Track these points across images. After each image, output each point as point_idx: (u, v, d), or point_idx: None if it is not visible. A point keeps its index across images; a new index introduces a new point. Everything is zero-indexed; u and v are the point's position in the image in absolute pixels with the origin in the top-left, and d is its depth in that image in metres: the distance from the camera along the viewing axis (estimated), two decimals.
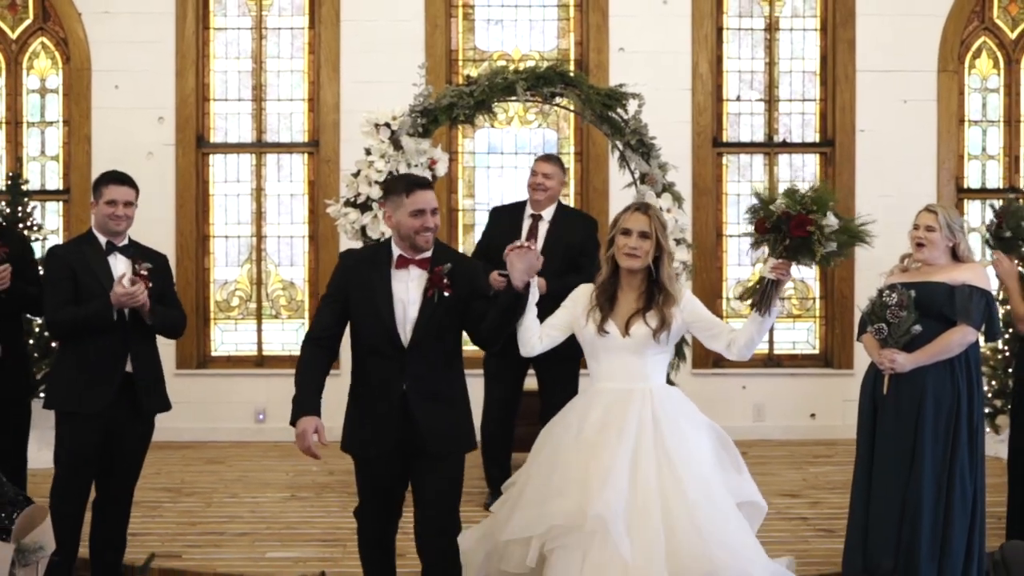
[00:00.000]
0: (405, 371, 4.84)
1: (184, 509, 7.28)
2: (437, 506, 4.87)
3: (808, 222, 4.69)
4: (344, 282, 4.97)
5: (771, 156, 9.76)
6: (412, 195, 4.88)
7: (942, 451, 5.62)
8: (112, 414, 5.57)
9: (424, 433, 4.83)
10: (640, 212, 5.00)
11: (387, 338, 4.85)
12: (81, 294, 5.59)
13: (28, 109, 9.68)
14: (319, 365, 4.93)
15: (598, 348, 5.02)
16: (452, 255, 5.05)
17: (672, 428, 4.87)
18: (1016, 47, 9.82)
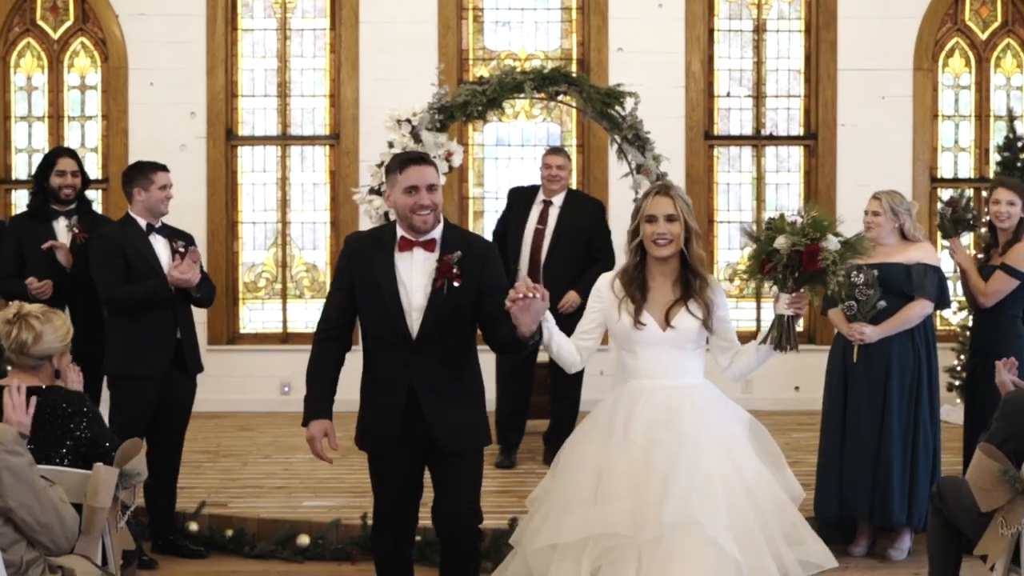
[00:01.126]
0: (412, 364, 4.61)
1: (223, 468, 8.04)
2: (456, 499, 4.71)
3: (818, 252, 4.43)
4: (347, 266, 4.74)
5: (758, 148, 10.50)
6: (406, 171, 4.61)
7: (907, 411, 6.42)
8: (165, 376, 6.36)
9: (435, 429, 4.62)
10: (662, 195, 4.65)
11: (392, 327, 4.61)
12: (132, 272, 6.36)
13: (69, 104, 10.40)
14: (330, 362, 4.74)
15: (634, 342, 4.64)
16: (462, 238, 4.78)
17: (721, 426, 4.59)
18: (986, 47, 10.54)
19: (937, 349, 6.65)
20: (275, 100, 10.43)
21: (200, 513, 6.80)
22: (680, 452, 4.39)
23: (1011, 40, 10.52)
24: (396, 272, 4.63)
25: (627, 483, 4.38)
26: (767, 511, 4.42)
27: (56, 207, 7.07)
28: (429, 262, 4.64)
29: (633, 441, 4.47)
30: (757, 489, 4.47)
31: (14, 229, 7.08)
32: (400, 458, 4.71)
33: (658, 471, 4.37)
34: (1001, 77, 10.56)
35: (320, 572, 6.34)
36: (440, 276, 4.60)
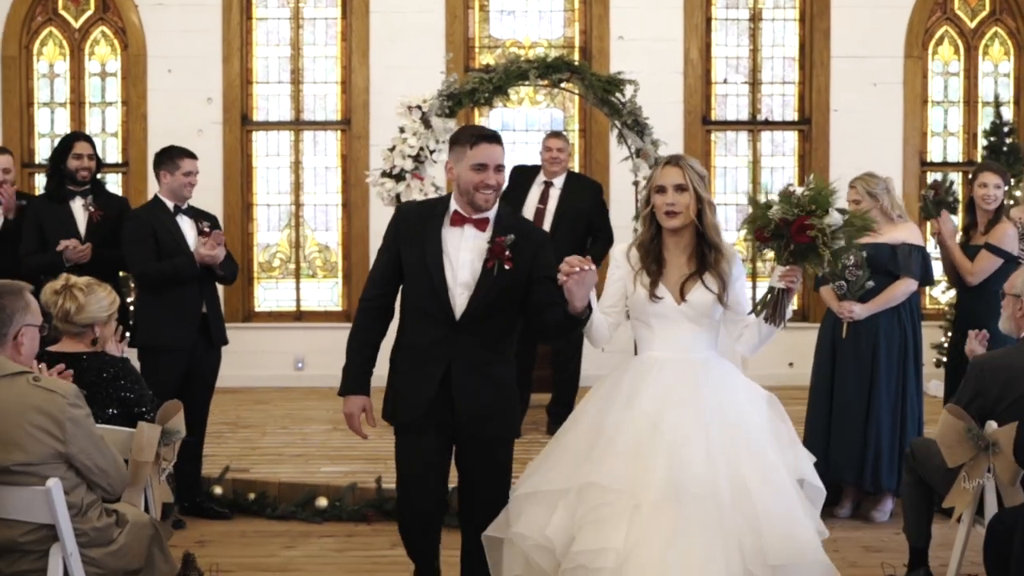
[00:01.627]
0: (453, 343, 4.54)
1: (243, 437, 8.46)
2: (491, 494, 4.63)
3: (808, 226, 4.30)
4: (395, 234, 4.67)
5: (754, 133, 10.88)
6: (476, 147, 4.51)
7: (894, 384, 6.82)
8: (192, 348, 6.77)
9: (466, 414, 4.55)
10: (671, 165, 4.55)
11: (436, 303, 4.54)
12: (161, 250, 6.77)
13: (90, 91, 10.79)
14: (372, 334, 4.68)
15: (649, 315, 4.55)
16: (517, 223, 4.73)
17: (733, 403, 4.45)
18: (975, 35, 10.91)
19: (922, 325, 7.04)
20: (288, 87, 10.81)
21: (224, 478, 7.20)
22: (692, 426, 4.30)
23: (999, 28, 10.89)
24: (443, 245, 4.56)
25: (629, 447, 4.27)
26: (772, 495, 4.25)
27: (72, 188, 7.42)
28: (479, 241, 4.56)
29: (641, 410, 4.35)
30: (769, 472, 4.31)
31: (33, 210, 7.43)
32: (426, 433, 4.58)
33: (666, 439, 4.26)
34: (989, 64, 10.92)
35: (338, 532, 6.72)
36: (492, 257, 4.51)
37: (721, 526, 4.17)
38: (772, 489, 4.27)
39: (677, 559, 4.10)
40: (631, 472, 4.23)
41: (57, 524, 3.91)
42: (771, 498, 4.25)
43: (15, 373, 3.96)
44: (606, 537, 4.15)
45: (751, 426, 4.40)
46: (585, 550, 4.17)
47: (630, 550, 4.11)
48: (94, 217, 7.28)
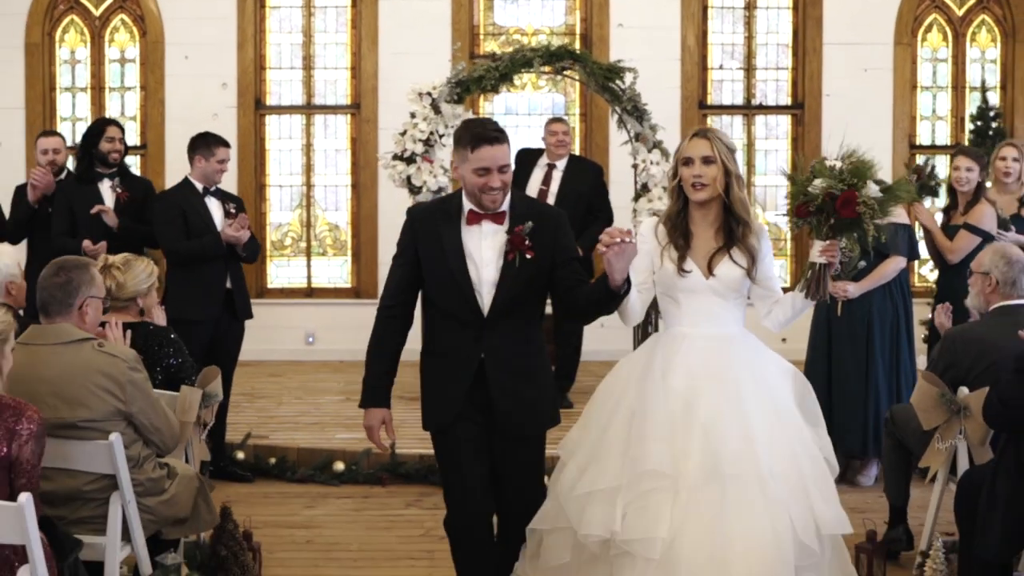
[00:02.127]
0: (483, 340, 4.44)
1: (260, 407, 8.90)
2: (528, 488, 4.58)
3: (855, 199, 4.28)
4: (412, 238, 4.55)
5: (749, 117, 11.30)
6: (478, 151, 4.37)
7: (889, 358, 7.25)
8: (217, 321, 7.20)
9: (502, 411, 4.46)
10: (699, 137, 4.48)
11: (463, 303, 4.45)
12: (190, 229, 7.20)
13: (110, 76, 11.18)
14: (392, 341, 4.58)
15: (677, 289, 4.48)
16: (532, 208, 4.57)
17: (764, 378, 4.43)
18: (962, 23, 11.31)
19: (912, 302, 7.48)
20: (300, 72, 11.21)
21: (246, 443, 7.65)
22: (725, 403, 4.28)
23: (986, 16, 11.28)
24: (464, 246, 4.45)
25: (665, 428, 4.25)
26: (806, 469, 4.29)
27: (101, 170, 7.83)
28: (499, 235, 4.44)
29: (674, 388, 4.33)
30: (799, 446, 4.33)
31: (63, 192, 7.86)
32: (467, 431, 4.49)
33: (700, 419, 4.25)
34: (976, 51, 11.32)
35: (354, 493, 7.16)
36: (512, 249, 4.40)
37: (766, 502, 4.14)
38: (812, 462, 4.30)
39: (722, 542, 4.09)
40: (671, 454, 4.21)
41: (117, 474, 4.35)
42: (813, 471, 4.28)
43: (81, 340, 4.39)
44: (652, 525, 4.15)
45: (782, 401, 4.39)
46: (632, 539, 4.16)
47: (674, 537, 4.11)
48: (121, 198, 7.70)
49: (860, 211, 4.30)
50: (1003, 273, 5.35)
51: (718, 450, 4.20)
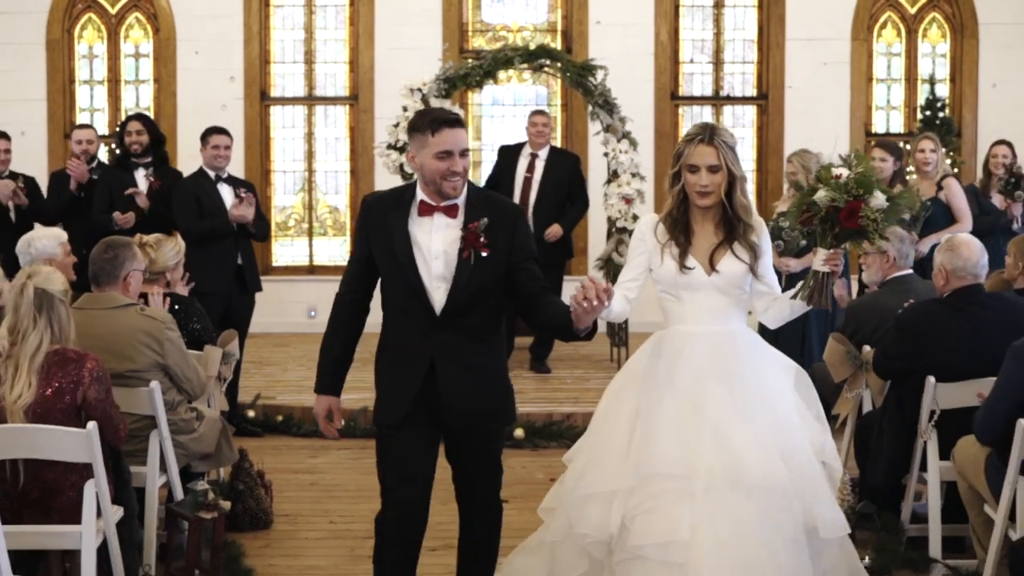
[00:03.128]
0: (433, 337, 4.29)
1: (268, 373, 9.83)
2: (484, 483, 4.50)
3: (858, 210, 4.22)
4: (366, 229, 4.42)
5: (717, 107, 12.22)
6: (439, 134, 4.23)
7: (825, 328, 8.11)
8: (228, 293, 8.12)
9: (452, 410, 4.32)
10: (705, 144, 4.34)
11: (412, 297, 4.29)
12: (203, 211, 8.12)
13: (125, 70, 12.10)
14: (345, 330, 4.49)
15: (679, 287, 4.41)
16: (487, 202, 4.40)
17: (767, 377, 4.40)
18: (915, 19, 12.21)
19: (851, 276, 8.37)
20: (302, 66, 12.13)
21: (256, 403, 8.58)
22: (733, 404, 4.26)
23: (936, 14, 12.18)
24: (412, 239, 4.30)
25: (673, 429, 4.22)
26: (806, 471, 4.24)
27: (135, 160, 8.77)
28: (451, 229, 4.30)
29: (680, 389, 4.28)
30: (798, 447, 4.28)
31: (105, 177, 8.82)
32: (411, 436, 4.34)
33: (710, 420, 4.22)
34: (928, 46, 12.23)
35: (352, 446, 7.99)
36: (467, 246, 4.25)
37: (788, 511, 4.14)
38: (810, 464, 4.26)
39: (745, 550, 4.08)
40: (681, 455, 4.17)
41: (156, 415, 5.28)
42: (811, 473, 4.24)
43: (126, 305, 5.33)
44: (671, 528, 4.09)
45: (783, 400, 4.36)
46: (648, 544, 4.10)
47: (691, 541, 4.07)
48: (153, 185, 8.63)
49: (863, 224, 4.24)
50: (898, 250, 6.28)
51: (737, 455, 4.15)
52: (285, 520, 6.44)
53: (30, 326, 4.63)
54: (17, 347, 4.62)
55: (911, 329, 5.55)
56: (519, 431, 8.04)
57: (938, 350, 5.42)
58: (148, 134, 8.81)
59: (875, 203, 4.23)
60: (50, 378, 4.62)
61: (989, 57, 12.06)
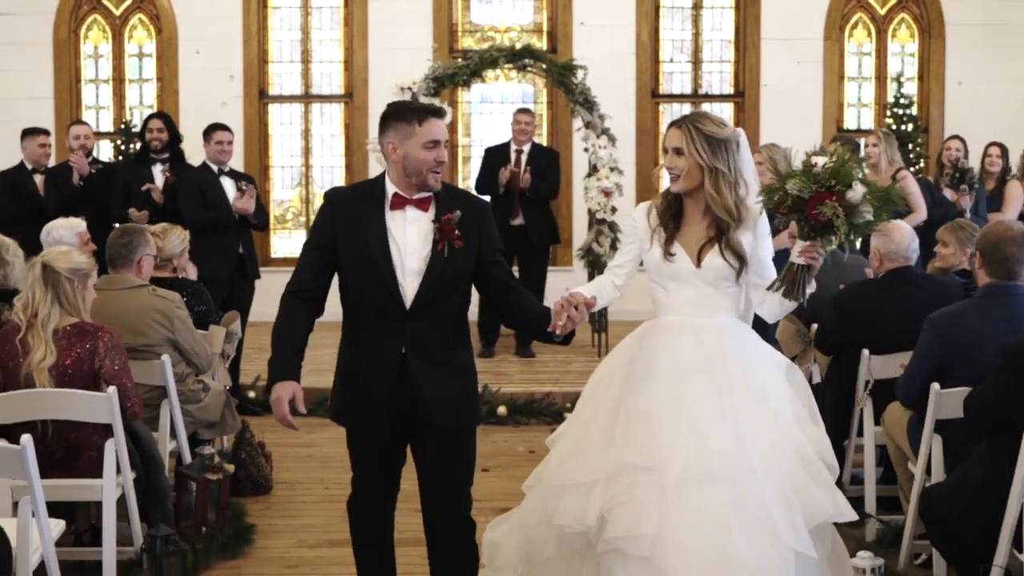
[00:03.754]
0: (404, 331, 4.19)
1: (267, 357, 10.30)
2: (448, 492, 4.34)
3: (822, 201, 4.07)
4: (330, 224, 4.27)
5: (696, 104, 12.75)
6: (426, 123, 4.19)
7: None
8: (231, 281, 8.68)
9: (428, 403, 4.22)
10: (674, 127, 4.35)
11: (384, 293, 4.19)
12: (207, 203, 8.69)
13: (129, 69, 12.63)
14: (301, 321, 4.35)
15: (665, 275, 4.36)
16: (458, 197, 4.39)
17: (754, 373, 4.29)
18: (884, 20, 12.76)
19: None
20: (299, 65, 12.67)
21: (256, 384, 9.13)
22: (712, 397, 4.20)
23: (905, 15, 12.74)
24: (388, 232, 4.21)
25: (651, 420, 4.19)
26: (791, 467, 4.16)
27: (153, 155, 9.38)
28: (423, 222, 4.24)
29: (659, 380, 4.24)
30: (785, 442, 4.20)
31: (123, 172, 9.46)
32: (385, 433, 4.31)
33: (688, 414, 4.18)
34: (897, 45, 12.78)
35: None
36: (443, 238, 4.20)
37: (761, 504, 4.06)
38: (798, 459, 4.17)
39: (718, 545, 4.02)
40: (655, 448, 4.14)
41: (167, 385, 5.85)
42: (799, 469, 4.15)
43: (140, 285, 5.90)
44: (638, 522, 4.06)
45: (771, 395, 4.27)
46: (619, 536, 4.09)
47: (663, 535, 4.02)
48: (168, 180, 9.21)
49: (825, 217, 4.08)
50: None
51: (710, 449, 4.10)
52: (284, 487, 7.00)
53: (41, 300, 5.18)
54: (35, 319, 5.17)
55: (847, 308, 6.11)
56: (502, 408, 8.60)
57: (872, 326, 5.97)
58: (167, 132, 9.41)
59: (851, 195, 4.06)
60: (70, 348, 5.17)
61: (955, 56, 12.60)
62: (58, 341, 5.16)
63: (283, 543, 6.04)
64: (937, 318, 5.18)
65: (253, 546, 5.95)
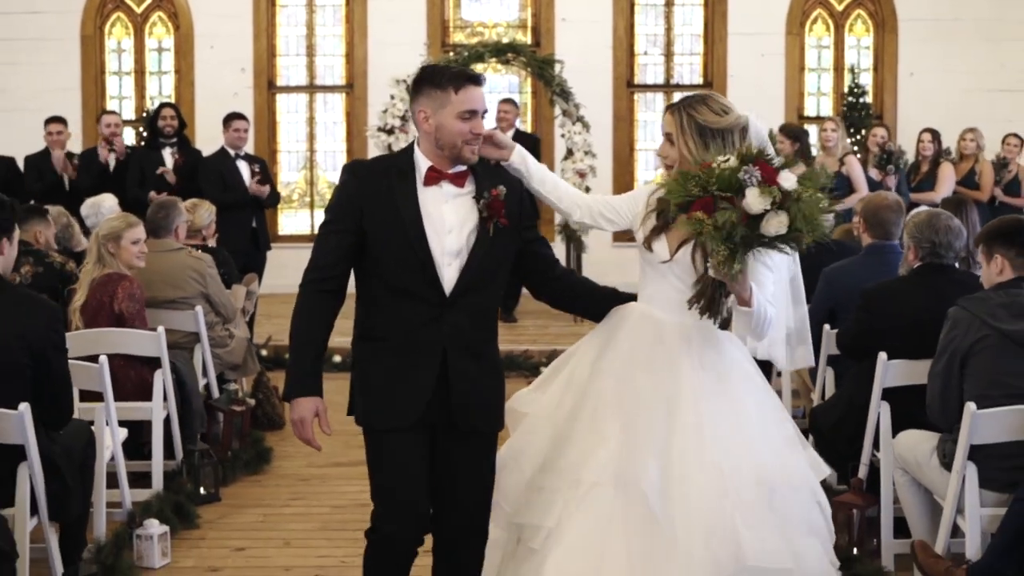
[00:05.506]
0: (445, 323, 3.82)
1: (276, 322, 11.42)
2: (473, 501, 3.98)
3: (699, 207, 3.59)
4: (356, 199, 3.83)
5: (668, 93, 13.90)
6: (463, 91, 3.78)
7: None
8: (246, 252, 9.85)
9: (464, 403, 3.85)
10: (668, 111, 4.01)
11: (421, 278, 3.80)
12: (226, 185, 9.87)
13: (150, 62, 13.78)
14: (323, 320, 3.88)
15: (643, 262, 4.04)
16: (495, 171, 3.97)
17: (715, 384, 3.88)
18: (842, 16, 13.91)
19: None
20: (304, 58, 13.83)
21: (268, 344, 10.30)
22: (659, 402, 3.86)
23: (861, 11, 13.89)
24: (423, 210, 3.82)
25: (587, 413, 3.96)
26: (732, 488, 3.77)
27: (163, 140, 10.54)
28: (461, 199, 3.86)
29: (611, 374, 3.94)
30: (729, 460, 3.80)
31: (136, 156, 10.60)
32: (417, 435, 3.88)
33: (624, 414, 3.88)
34: (853, 39, 13.93)
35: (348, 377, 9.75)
36: (491, 215, 3.83)
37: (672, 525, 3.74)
38: (743, 480, 3.78)
39: (603, 550, 3.75)
40: (582, 449, 3.90)
41: (199, 331, 7.01)
42: (742, 491, 3.77)
43: (178, 249, 7.07)
44: (544, 514, 3.87)
45: (728, 405, 3.88)
46: (525, 523, 3.95)
47: (560, 531, 3.81)
48: (178, 162, 10.38)
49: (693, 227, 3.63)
50: None
51: (630, 459, 3.81)
52: None
53: (88, 258, 6.42)
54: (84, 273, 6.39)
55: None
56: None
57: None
58: (177, 119, 10.58)
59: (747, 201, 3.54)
60: (99, 294, 6.32)
61: (907, 49, 13.74)
62: (92, 287, 6.32)
63: (296, 464, 7.23)
64: (829, 271, 6.34)
65: (271, 465, 7.16)
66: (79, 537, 5.15)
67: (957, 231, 5.47)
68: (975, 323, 4.69)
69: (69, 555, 4.99)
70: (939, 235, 5.41)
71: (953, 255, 5.49)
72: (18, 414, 4.51)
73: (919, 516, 5.12)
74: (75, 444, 4.99)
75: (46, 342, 4.66)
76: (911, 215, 6.00)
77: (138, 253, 6.50)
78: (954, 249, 5.46)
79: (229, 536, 6.06)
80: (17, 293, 4.77)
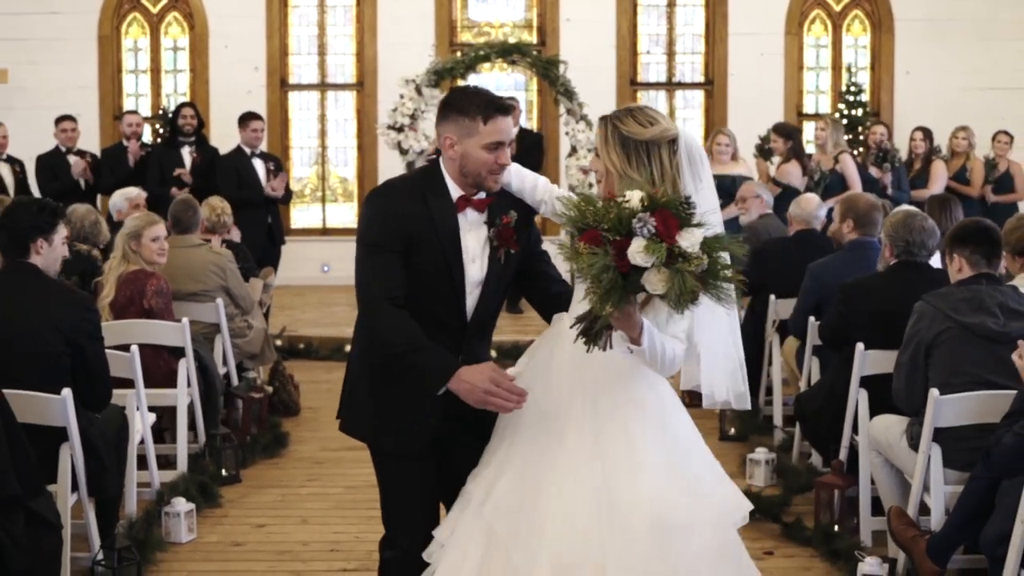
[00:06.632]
0: (461, 350, 3.80)
1: (289, 314, 11.93)
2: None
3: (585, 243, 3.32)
4: (402, 223, 3.73)
5: (670, 91, 14.29)
6: (492, 122, 3.68)
7: None
8: (262, 245, 10.25)
9: (476, 420, 3.80)
10: (598, 122, 3.81)
11: (449, 304, 3.78)
12: (241, 182, 10.28)
13: (165, 61, 14.16)
14: (414, 323, 3.69)
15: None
16: (507, 195, 3.88)
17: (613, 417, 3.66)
18: (840, 16, 14.25)
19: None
20: (316, 57, 14.22)
21: (282, 334, 10.66)
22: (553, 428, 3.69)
23: (858, 11, 14.24)
24: (461, 236, 3.76)
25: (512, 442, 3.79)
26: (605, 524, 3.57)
27: (181, 139, 10.96)
28: (480, 226, 3.80)
29: (534, 394, 3.69)
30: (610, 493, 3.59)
31: (156, 153, 11.03)
32: (426, 457, 3.90)
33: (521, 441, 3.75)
34: (851, 38, 14.28)
35: None
36: (502, 243, 3.78)
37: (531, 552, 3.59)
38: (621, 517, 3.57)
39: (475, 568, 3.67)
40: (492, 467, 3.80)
41: (220, 322, 7.40)
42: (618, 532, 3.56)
43: (200, 244, 7.47)
44: (442, 528, 3.85)
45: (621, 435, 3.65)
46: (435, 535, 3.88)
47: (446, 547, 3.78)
48: (195, 160, 10.81)
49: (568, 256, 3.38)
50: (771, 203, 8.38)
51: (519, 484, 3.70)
52: (309, 411, 8.57)
53: (114, 255, 6.79)
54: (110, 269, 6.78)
55: (762, 256, 7.52)
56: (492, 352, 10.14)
57: (782, 273, 7.41)
58: (196, 118, 11.00)
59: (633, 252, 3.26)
60: (128, 290, 6.70)
61: (903, 49, 14.08)
62: (119, 283, 6.70)
63: (311, 448, 7.63)
64: (815, 267, 6.73)
65: (288, 448, 7.56)
66: (113, 514, 5.55)
67: (931, 231, 5.85)
68: (939, 316, 5.08)
69: (104, 530, 5.39)
70: (913, 234, 5.79)
71: (927, 253, 5.86)
72: (61, 399, 4.87)
73: (891, 493, 5.51)
74: (110, 427, 5.41)
75: (79, 331, 5.09)
76: (890, 215, 6.38)
77: (158, 250, 6.87)
78: (927, 248, 5.83)
79: (250, 514, 6.47)
80: (53, 286, 5.18)
